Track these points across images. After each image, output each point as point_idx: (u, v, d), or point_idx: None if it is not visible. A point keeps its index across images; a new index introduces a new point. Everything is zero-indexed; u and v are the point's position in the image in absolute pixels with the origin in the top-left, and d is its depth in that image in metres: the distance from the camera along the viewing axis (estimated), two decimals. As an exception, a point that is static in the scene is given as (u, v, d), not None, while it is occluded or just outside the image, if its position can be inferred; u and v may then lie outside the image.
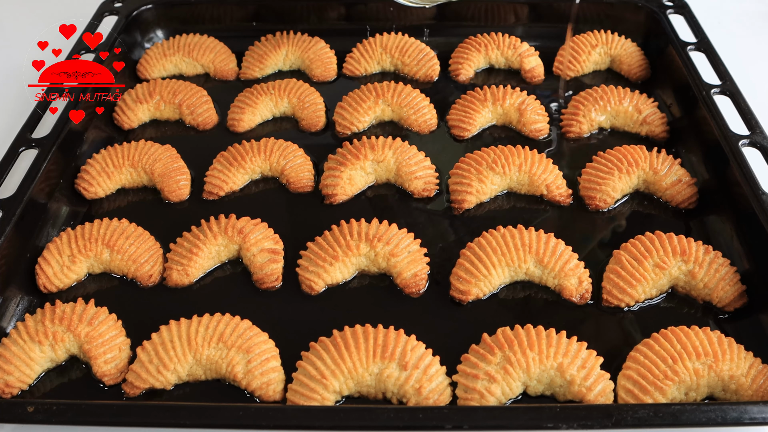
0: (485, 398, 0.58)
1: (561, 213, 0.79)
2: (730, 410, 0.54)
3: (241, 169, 0.82)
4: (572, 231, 0.76)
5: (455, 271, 0.70)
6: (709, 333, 0.61)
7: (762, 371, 0.59)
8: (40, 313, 0.65)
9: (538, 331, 0.61)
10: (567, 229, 0.76)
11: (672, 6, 1.01)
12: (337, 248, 0.70)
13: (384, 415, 0.54)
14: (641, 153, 0.80)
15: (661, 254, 0.68)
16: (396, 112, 0.90)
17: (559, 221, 0.77)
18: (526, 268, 0.70)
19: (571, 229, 0.76)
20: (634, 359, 0.61)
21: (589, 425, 0.53)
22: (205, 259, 0.72)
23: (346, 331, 0.62)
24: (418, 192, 0.80)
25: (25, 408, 0.55)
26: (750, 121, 0.79)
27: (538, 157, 0.80)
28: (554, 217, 0.78)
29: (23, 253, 0.71)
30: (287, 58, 1.00)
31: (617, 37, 0.99)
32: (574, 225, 0.77)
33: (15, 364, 0.61)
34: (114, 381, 0.63)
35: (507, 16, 1.06)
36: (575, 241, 0.73)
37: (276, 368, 0.62)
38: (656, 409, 0.54)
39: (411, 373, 0.59)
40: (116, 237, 0.72)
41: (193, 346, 0.61)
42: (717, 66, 0.89)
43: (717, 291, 0.67)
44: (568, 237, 0.73)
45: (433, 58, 0.99)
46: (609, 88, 0.89)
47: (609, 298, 0.68)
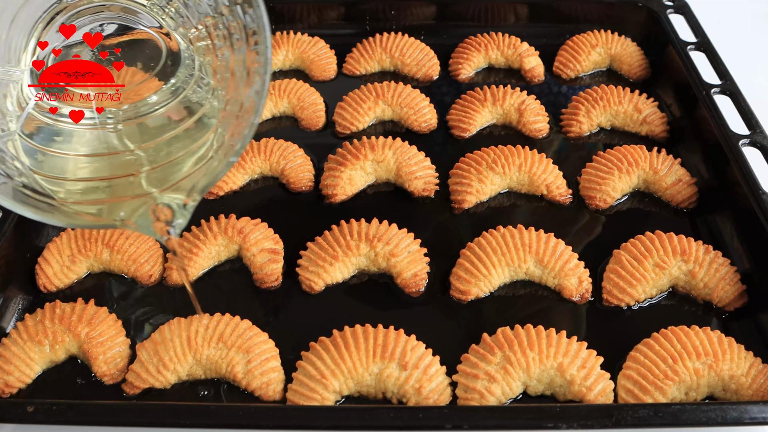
0: (485, 398, 0.58)
1: (561, 213, 0.79)
2: (730, 410, 0.54)
3: (241, 169, 0.82)
4: (572, 231, 0.76)
5: (455, 271, 0.70)
6: (709, 333, 0.61)
7: (762, 371, 0.59)
8: (40, 313, 0.65)
9: (538, 331, 0.61)
10: (567, 229, 0.76)
11: (672, 6, 1.01)
12: (337, 248, 0.70)
13: (384, 415, 0.54)
14: (641, 153, 0.80)
15: (661, 254, 0.68)
16: (396, 112, 0.90)
17: (559, 221, 0.77)
18: (526, 268, 0.70)
19: (571, 229, 0.76)
20: (634, 359, 0.61)
21: (589, 425, 0.53)
22: (205, 258, 0.72)
23: (346, 331, 0.62)
24: (418, 192, 0.80)
25: (25, 408, 0.55)
26: (750, 121, 0.79)
27: (538, 157, 0.80)
28: (554, 217, 0.78)
29: (23, 253, 0.72)
30: (287, 57, 1.00)
31: (617, 37, 0.99)
32: (574, 225, 0.77)
33: (15, 364, 0.61)
34: (114, 381, 0.63)
35: (507, 16, 1.06)
36: (575, 241, 0.73)
37: (276, 368, 0.62)
38: (656, 409, 0.54)
39: (411, 373, 0.59)
40: (116, 237, 0.72)
41: (193, 345, 0.61)
42: (717, 66, 0.89)
43: (717, 291, 0.67)
44: (568, 237, 0.73)
45: (433, 58, 0.99)
46: (609, 88, 0.89)
47: (609, 298, 0.68)
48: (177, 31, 0.67)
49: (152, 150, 0.64)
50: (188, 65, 0.68)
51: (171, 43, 0.68)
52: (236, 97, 0.57)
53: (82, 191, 0.60)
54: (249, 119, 0.54)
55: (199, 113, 0.65)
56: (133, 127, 0.66)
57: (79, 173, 0.62)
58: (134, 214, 0.56)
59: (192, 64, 0.67)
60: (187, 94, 0.67)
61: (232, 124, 0.56)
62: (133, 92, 0.67)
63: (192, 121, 0.65)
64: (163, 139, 0.64)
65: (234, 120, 0.56)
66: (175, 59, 0.68)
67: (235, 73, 0.59)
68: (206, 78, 0.67)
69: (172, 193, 0.57)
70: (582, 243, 0.74)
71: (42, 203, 0.54)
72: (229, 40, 0.59)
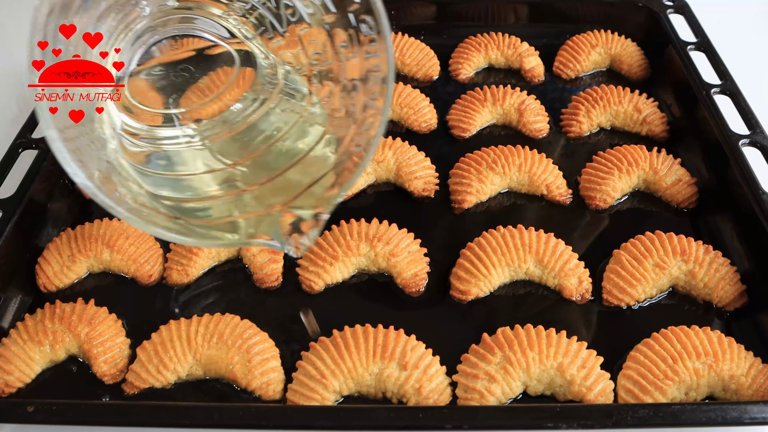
0: (485, 398, 0.58)
1: (561, 213, 0.79)
2: (730, 410, 0.54)
3: (241, 169, 0.82)
4: (572, 231, 0.76)
5: (455, 270, 0.70)
6: (709, 333, 0.61)
7: (762, 371, 0.59)
8: (40, 313, 0.65)
9: (538, 331, 0.61)
10: (567, 229, 0.76)
11: (672, 6, 1.01)
12: (337, 248, 0.70)
13: (384, 415, 0.54)
14: (641, 153, 0.80)
15: (661, 254, 0.68)
16: (396, 111, 0.90)
17: (559, 221, 0.77)
18: (526, 268, 0.70)
19: (571, 229, 0.76)
20: (634, 359, 0.61)
21: (589, 425, 0.53)
22: (205, 258, 0.72)
23: (346, 331, 0.62)
24: (418, 192, 0.80)
25: (25, 408, 0.55)
26: (750, 121, 0.79)
27: (538, 157, 0.80)
28: (554, 217, 0.78)
29: (23, 253, 0.71)
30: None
31: (617, 36, 0.99)
32: (574, 225, 0.77)
33: (15, 363, 0.61)
34: (114, 381, 0.62)
35: (507, 16, 1.06)
36: (575, 241, 0.73)
37: (276, 368, 0.62)
38: (656, 409, 0.54)
39: (411, 373, 0.59)
40: (116, 237, 0.72)
41: (193, 345, 0.61)
42: (717, 66, 0.89)
43: (717, 291, 0.67)
44: (568, 237, 0.73)
45: (433, 58, 0.99)
46: (609, 88, 0.89)
47: (609, 298, 0.68)
48: (253, 40, 0.66)
49: (252, 163, 0.63)
50: (266, 74, 0.67)
51: (242, 50, 0.67)
52: (351, 101, 0.56)
53: (201, 210, 0.59)
54: (378, 120, 0.53)
55: (294, 123, 0.64)
56: (227, 142, 0.65)
57: (189, 194, 0.61)
58: (263, 229, 0.54)
59: (269, 71, 0.66)
60: (276, 102, 0.66)
61: (351, 130, 0.55)
62: (217, 103, 0.67)
63: (291, 131, 0.64)
64: (261, 151, 0.63)
65: (354, 125, 0.55)
66: (251, 66, 0.67)
67: (340, 80, 0.58)
68: (294, 85, 0.65)
69: (300, 203, 0.56)
70: (582, 243, 0.74)
71: (178, 225, 0.54)
72: (333, 48, 0.57)
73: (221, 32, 0.67)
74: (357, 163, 0.54)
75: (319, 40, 0.59)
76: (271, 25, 0.64)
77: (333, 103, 0.60)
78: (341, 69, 0.58)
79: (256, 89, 0.67)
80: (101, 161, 0.54)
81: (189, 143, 0.64)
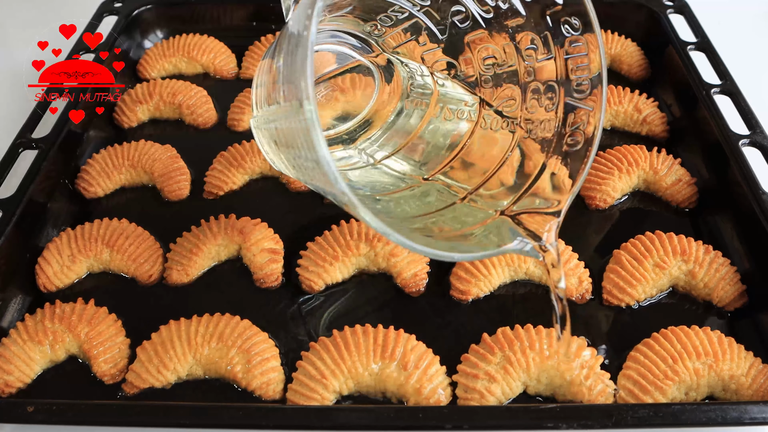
0: (485, 398, 0.58)
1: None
2: (730, 410, 0.54)
3: (240, 169, 0.82)
4: (572, 231, 0.76)
5: (455, 270, 0.70)
6: (709, 333, 0.61)
7: (762, 371, 0.59)
8: (40, 313, 0.65)
9: (538, 331, 0.61)
10: (567, 229, 0.76)
11: (672, 6, 1.01)
12: (337, 248, 0.70)
13: (384, 415, 0.54)
14: (641, 153, 0.80)
15: (661, 254, 0.68)
16: (396, 112, 0.90)
17: (559, 221, 0.77)
18: (526, 268, 0.70)
19: (571, 229, 0.76)
20: (634, 359, 0.61)
21: (589, 425, 0.53)
22: (205, 258, 0.72)
23: (346, 331, 0.62)
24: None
25: (25, 408, 0.55)
26: (750, 121, 0.79)
27: (538, 157, 0.80)
28: (554, 217, 0.78)
29: (23, 253, 0.71)
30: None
31: (617, 36, 0.99)
32: (574, 225, 0.77)
33: (15, 363, 0.61)
34: (114, 381, 0.63)
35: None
36: (575, 241, 0.73)
37: (276, 368, 0.62)
38: (656, 409, 0.54)
39: (411, 373, 0.59)
40: (116, 237, 0.72)
41: (193, 345, 0.61)
42: (717, 66, 0.89)
43: (717, 291, 0.67)
44: (568, 237, 0.73)
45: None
46: (609, 88, 0.89)
47: (609, 298, 0.68)
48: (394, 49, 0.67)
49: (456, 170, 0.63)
50: (414, 84, 0.67)
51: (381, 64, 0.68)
52: (548, 103, 0.57)
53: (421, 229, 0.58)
54: (596, 117, 0.56)
55: (471, 131, 0.64)
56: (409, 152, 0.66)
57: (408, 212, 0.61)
58: (502, 235, 0.54)
59: (414, 80, 0.67)
60: (438, 111, 0.66)
61: (553, 128, 0.57)
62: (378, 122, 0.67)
63: (474, 138, 0.64)
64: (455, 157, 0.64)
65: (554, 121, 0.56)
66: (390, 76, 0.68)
67: (524, 82, 0.59)
68: (454, 93, 0.66)
69: (526, 201, 0.56)
70: (582, 243, 0.74)
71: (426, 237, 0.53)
72: (516, 51, 0.58)
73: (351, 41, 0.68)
74: (588, 156, 0.56)
75: (497, 44, 0.60)
76: (426, 33, 0.64)
77: (515, 105, 0.60)
78: (527, 71, 0.59)
79: (402, 100, 0.68)
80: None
81: (366, 164, 0.66)
